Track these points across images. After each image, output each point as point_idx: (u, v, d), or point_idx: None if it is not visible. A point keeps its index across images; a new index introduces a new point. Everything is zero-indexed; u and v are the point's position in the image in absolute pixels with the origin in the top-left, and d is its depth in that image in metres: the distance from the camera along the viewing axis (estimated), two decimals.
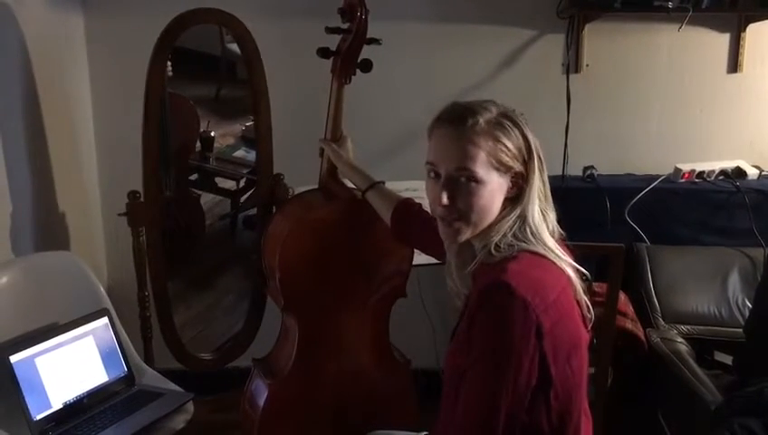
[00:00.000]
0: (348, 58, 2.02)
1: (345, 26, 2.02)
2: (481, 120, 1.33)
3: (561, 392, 1.29)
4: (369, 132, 2.87)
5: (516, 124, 1.35)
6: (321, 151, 2.15)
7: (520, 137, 1.35)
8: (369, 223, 2.00)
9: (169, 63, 2.38)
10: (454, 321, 1.43)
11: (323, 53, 2.03)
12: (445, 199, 1.35)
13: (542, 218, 1.37)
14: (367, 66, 2.04)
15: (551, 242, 1.36)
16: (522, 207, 1.35)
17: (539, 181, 1.37)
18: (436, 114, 1.40)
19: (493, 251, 1.33)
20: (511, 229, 1.34)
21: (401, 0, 2.83)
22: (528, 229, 1.34)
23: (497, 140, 1.33)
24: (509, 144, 1.33)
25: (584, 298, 1.36)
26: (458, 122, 1.34)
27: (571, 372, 1.30)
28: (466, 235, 1.37)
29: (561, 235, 1.42)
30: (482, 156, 1.32)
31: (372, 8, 2.01)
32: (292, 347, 2.10)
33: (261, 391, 2.15)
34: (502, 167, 1.34)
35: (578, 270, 1.36)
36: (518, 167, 1.35)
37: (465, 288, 1.40)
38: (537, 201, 1.36)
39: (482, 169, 1.32)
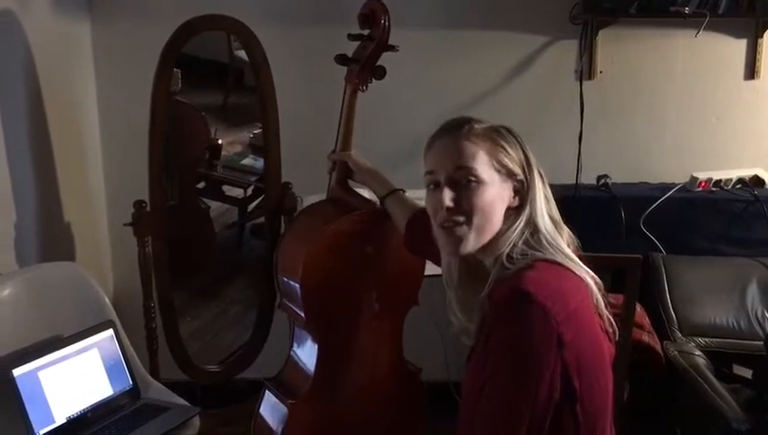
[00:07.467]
0: (369, 65, 2.01)
1: (365, 33, 2.00)
2: (477, 126, 1.33)
3: (588, 407, 1.22)
4: (378, 142, 2.83)
5: (514, 135, 1.35)
6: (332, 168, 2.11)
7: (518, 146, 1.34)
8: (389, 232, 1.97)
9: (179, 73, 2.34)
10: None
11: (342, 60, 2.02)
12: (447, 201, 1.30)
13: (555, 227, 1.33)
14: (382, 73, 2.03)
15: (567, 250, 1.31)
16: (527, 214, 1.31)
17: (542, 193, 1.34)
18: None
19: (506, 263, 1.28)
20: (521, 238, 1.29)
21: (410, 7, 2.78)
22: (542, 238, 1.30)
23: (495, 142, 1.32)
24: (508, 147, 1.32)
25: (606, 312, 1.31)
26: (454, 129, 1.34)
27: (599, 386, 1.24)
28: (470, 244, 1.31)
29: (578, 246, 1.37)
30: (481, 154, 1.30)
31: None
32: (312, 363, 2.04)
33: (279, 412, 2.06)
34: (503, 169, 1.31)
35: (597, 280, 1.31)
36: (520, 173, 1.32)
37: (472, 323, 1.32)
38: (545, 209, 1.33)
39: (482, 168, 1.30)
